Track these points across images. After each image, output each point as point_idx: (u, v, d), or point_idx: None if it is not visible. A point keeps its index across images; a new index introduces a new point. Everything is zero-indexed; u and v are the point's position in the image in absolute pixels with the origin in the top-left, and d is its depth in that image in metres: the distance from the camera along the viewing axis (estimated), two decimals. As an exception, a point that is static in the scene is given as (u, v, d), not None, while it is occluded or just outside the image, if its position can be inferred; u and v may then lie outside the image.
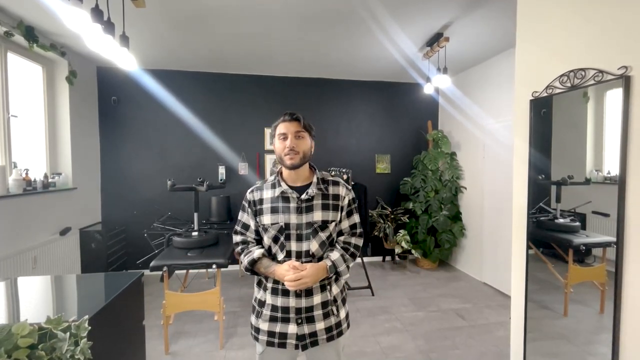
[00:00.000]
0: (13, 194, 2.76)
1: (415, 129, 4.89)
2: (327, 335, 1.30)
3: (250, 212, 1.34)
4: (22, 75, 3.12)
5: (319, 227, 1.28)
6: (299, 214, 1.27)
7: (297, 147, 1.26)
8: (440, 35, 3.13)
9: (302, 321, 1.27)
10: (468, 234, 4.34)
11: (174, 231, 3.25)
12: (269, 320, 1.29)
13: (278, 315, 1.28)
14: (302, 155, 1.27)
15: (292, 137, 1.27)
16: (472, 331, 2.85)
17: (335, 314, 1.32)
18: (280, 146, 1.28)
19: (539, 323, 1.83)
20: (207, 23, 2.88)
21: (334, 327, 1.31)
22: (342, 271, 1.30)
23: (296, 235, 1.27)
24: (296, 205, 1.27)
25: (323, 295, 1.30)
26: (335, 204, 1.32)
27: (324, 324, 1.29)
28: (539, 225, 1.85)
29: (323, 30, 3.04)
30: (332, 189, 1.34)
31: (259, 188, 1.36)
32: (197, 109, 4.31)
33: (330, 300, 1.31)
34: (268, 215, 1.29)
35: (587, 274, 1.70)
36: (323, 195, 1.31)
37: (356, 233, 1.37)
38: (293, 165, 1.26)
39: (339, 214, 1.33)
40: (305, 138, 1.30)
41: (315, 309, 1.28)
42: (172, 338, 2.71)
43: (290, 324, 1.27)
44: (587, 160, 1.67)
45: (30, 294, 1.34)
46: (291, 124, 1.28)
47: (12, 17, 2.73)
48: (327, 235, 1.31)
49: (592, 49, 1.49)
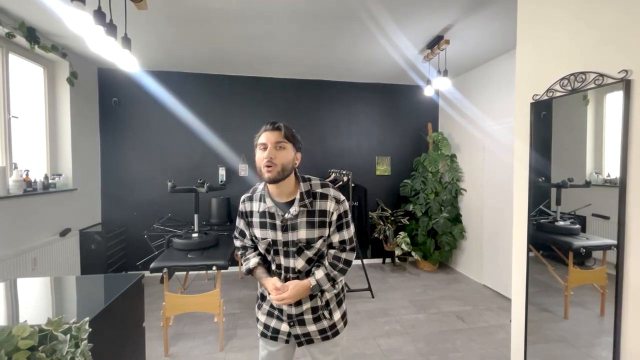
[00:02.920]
0: (13, 195, 2.76)
1: (416, 131, 4.90)
2: (322, 336, 1.31)
3: (244, 222, 1.36)
4: (23, 77, 3.13)
5: (304, 245, 1.24)
6: (284, 232, 1.23)
7: (275, 159, 1.16)
8: (440, 38, 3.14)
9: (294, 323, 1.30)
10: (468, 236, 4.34)
11: (174, 232, 3.25)
12: (266, 314, 1.36)
13: (275, 312, 1.33)
14: (281, 168, 1.16)
15: (272, 147, 1.17)
16: (473, 334, 2.84)
17: (328, 318, 1.31)
18: (259, 157, 1.20)
19: (539, 326, 1.82)
20: (208, 25, 2.89)
21: (328, 329, 1.32)
22: (326, 289, 1.28)
23: (283, 251, 1.26)
24: (280, 223, 1.23)
25: (312, 302, 1.29)
26: (321, 220, 1.23)
27: (316, 326, 1.30)
28: (539, 227, 1.85)
29: (324, 32, 3.05)
30: (319, 203, 1.23)
31: (250, 199, 1.32)
32: (197, 111, 4.31)
33: (321, 305, 1.30)
34: (258, 229, 1.29)
35: (587, 277, 1.70)
36: (308, 212, 1.22)
37: (346, 248, 1.29)
38: (270, 179, 1.17)
39: (326, 230, 1.25)
40: (287, 149, 1.19)
41: (305, 314, 1.29)
42: (172, 340, 2.70)
43: (284, 323, 1.31)
44: (587, 162, 1.67)
45: (30, 296, 1.34)
46: (272, 133, 1.19)
47: (14, 18, 2.74)
48: (314, 252, 1.26)
49: (592, 53, 1.49)
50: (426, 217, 4.43)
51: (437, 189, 4.44)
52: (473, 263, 4.21)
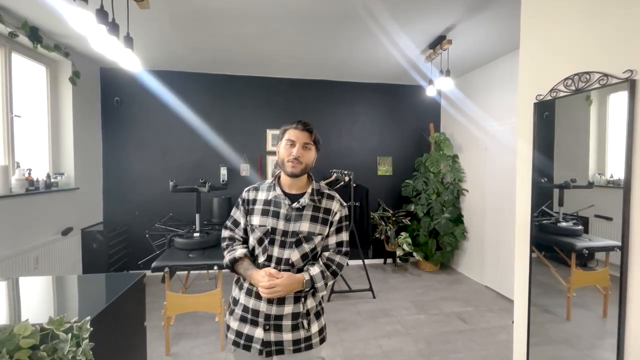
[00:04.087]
0: (16, 194, 2.77)
1: (417, 131, 4.89)
2: (294, 347, 1.26)
3: (243, 210, 1.35)
4: (26, 76, 3.14)
5: (303, 237, 1.26)
6: (286, 222, 1.26)
7: (302, 158, 1.26)
8: (443, 38, 3.13)
9: (270, 328, 1.24)
10: (470, 236, 4.32)
11: (176, 232, 3.25)
12: (239, 320, 1.29)
13: (248, 316, 1.27)
14: (305, 166, 1.28)
15: (300, 146, 1.26)
16: (474, 335, 2.83)
17: (306, 328, 1.27)
18: (286, 152, 1.27)
19: (541, 327, 1.82)
20: (210, 24, 2.89)
21: (303, 340, 1.27)
22: (319, 287, 1.26)
23: (280, 241, 1.26)
24: (286, 212, 1.27)
25: (295, 307, 1.26)
26: (325, 217, 1.30)
27: (292, 335, 1.25)
28: (541, 228, 1.84)
29: (325, 32, 3.05)
30: (326, 202, 1.32)
31: (256, 188, 1.36)
32: (199, 110, 4.32)
33: (302, 313, 1.27)
34: (258, 216, 1.30)
35: (590, 278, 1.69)
36: (315, 207, 1.29)
37: (342, 251, 1.33)
38: (293, 173, 1.26)
39: (327, 229, 1.30)
40: (312, 150, 1.31)
41: (284, 319, 1.25)
42: (173, 339, 2.70)
43: (258, 327, 1.25)
44: (590, 163, 1.66)
45: (32, 294, 1.34)
46: (302, 133, 1.28)
47: (17, 18, 2.75)
48: (311, 248, 1.28)
49: (596, 52, 1.48)
50: (428, 218, 4.42)
51: (438, 189, 4.43)
52: (475, 264, 4.20)
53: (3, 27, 2.63)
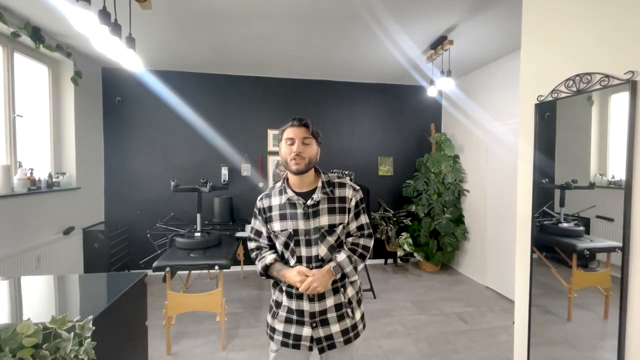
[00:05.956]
0: (17, 193, 2.77)
1: (418, 132, 4.89)
2: (344, 338, 1.29)
3: (261, 219, 1.37)
4: (28, 76, 3.15)
5: (326, 231, 1.28)
6: (306, 220, 1.28)
7: (303, 153, 1.27)
8: (444, 38, 3.13)
9: (317, 325, 1.27)
10: (471, 237, 4.32)
11: (177, 232, 3.26)
12: (284, 322, 1.32)
13: (293, 317, 1.30)
14: (308, 161, 1.28)
15: (299, 142, 1.27)
16: (475, 335, 2.83)
17: (351, 316, 1.32)
18: (287, 151, 1.29)
19: (542, 328, 1.81)
20: (211, 24, 2.89)
21: (350, 329, 1.31)
22: (349, 272, 1.29)
23: (305, 240, 1.28)
24: (303, 211, 1.28)
25: (336, 298, 1.30)
26: (342, 206, 1.31)
27: (339, 326, 1.29)
28: (542, 229, 1.84)
29: (327, 32, 3.05)
30: (339, 191, 1.33)
31: (268, 195, 1.38)
32: (200, 110, 4.32)
33: (345, 303, 1.31)
34: (277, 222, 1.31)
35: (591, 279, 1.69)
36: (329, 199, 1.31)
37: (364, 234, 1.35)
38: (298, 170, 1.27)
39: (346, 216, 1.32)
40: (312, 144, 1.31)
41: (329, 312, 1.28)
42: (174, 338, 2.71)
43: (305, 326, 1.28)
44: (591, 164, 1.66)
45: (34, 294, 1.35)
46: (299, 129, 1.29)
47: (19, 18, 2.76)
48: (335, 239, 1.30)
49: (598, 53, 1.48)
50: (428, 218, 4.42)
51: (439, 189, 4.42)
52: (475, 264, 4.19)
53: (5, 27, 2.64)
